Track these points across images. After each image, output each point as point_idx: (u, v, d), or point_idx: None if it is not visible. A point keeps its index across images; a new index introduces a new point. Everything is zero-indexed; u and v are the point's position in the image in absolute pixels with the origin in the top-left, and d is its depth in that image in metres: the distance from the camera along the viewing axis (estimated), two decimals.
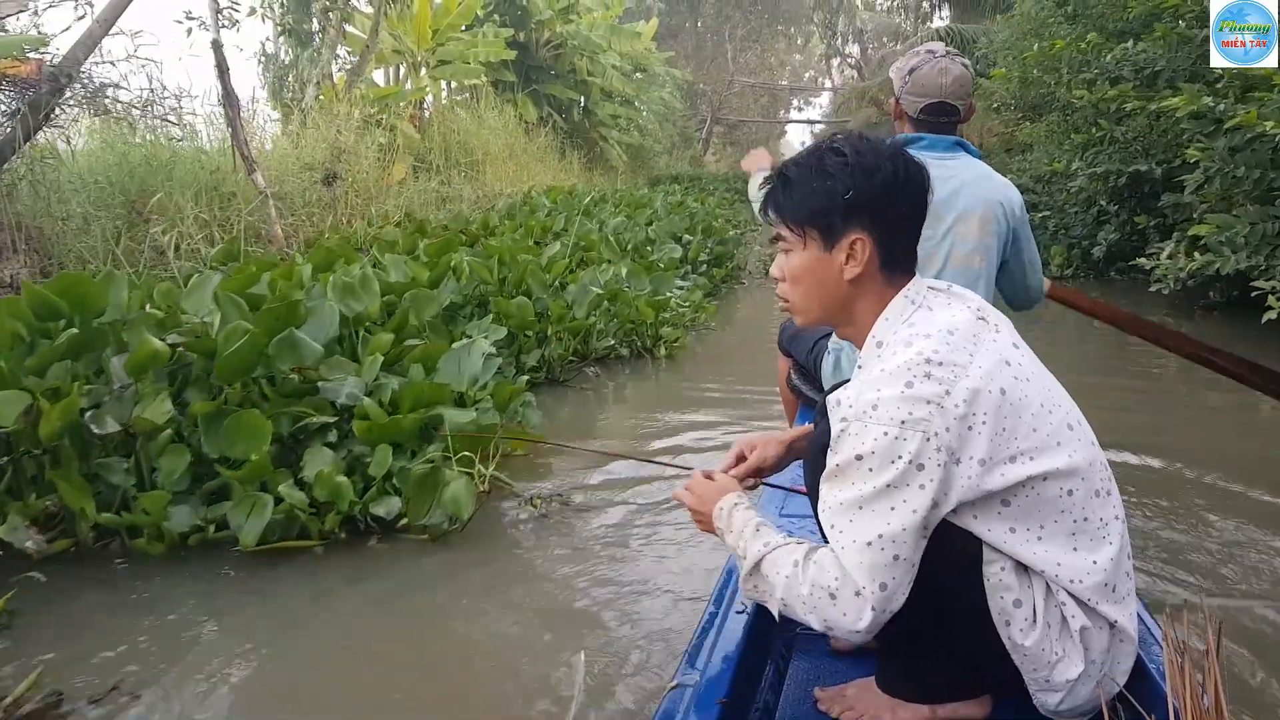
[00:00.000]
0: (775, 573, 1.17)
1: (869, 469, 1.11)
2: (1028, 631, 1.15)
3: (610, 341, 4.74)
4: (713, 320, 6.01)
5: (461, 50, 14.00)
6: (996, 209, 2.07)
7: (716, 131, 37.36)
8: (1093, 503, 1.17)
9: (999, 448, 1.12)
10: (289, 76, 10.60)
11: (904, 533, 1.09)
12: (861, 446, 1.11)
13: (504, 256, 4.67)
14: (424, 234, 6.66)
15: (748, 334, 6.10)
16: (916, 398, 1.09)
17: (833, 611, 1.11)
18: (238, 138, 6.73)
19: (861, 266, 1.21)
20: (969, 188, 2.06)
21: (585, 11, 19.20)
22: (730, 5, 34.17)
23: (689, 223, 8.07)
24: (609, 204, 9.44)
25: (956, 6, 19.76)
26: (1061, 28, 8.70)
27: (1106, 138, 7.35)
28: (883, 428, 1.10)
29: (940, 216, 2.04)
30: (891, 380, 1.12)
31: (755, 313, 6.99)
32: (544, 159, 16.88)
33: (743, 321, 6.63)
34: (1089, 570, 1.15)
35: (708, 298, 6.81)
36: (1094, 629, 1.16)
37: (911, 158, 1.22)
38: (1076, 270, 7.72)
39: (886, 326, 1.22)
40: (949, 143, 2.10)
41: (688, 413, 3.94)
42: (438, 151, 13.27)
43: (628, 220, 7.91)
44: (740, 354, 5.38)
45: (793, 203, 1.24)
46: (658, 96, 23.39)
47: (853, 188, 1.18)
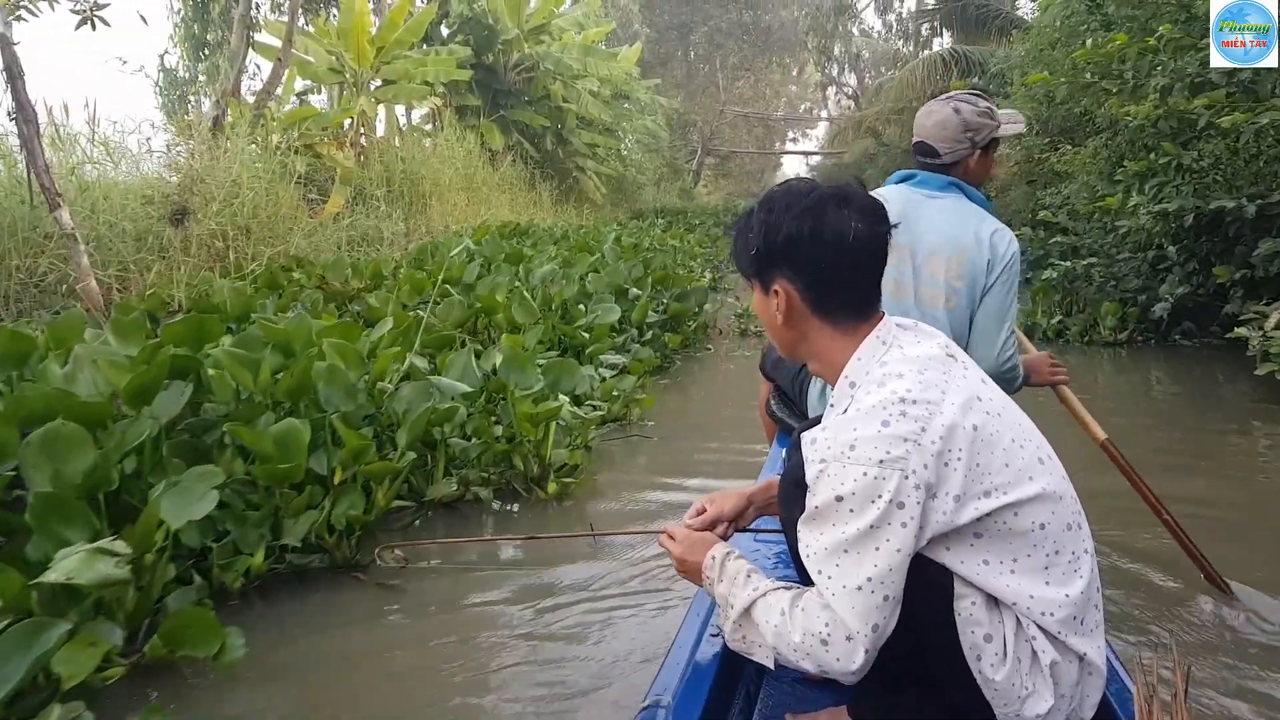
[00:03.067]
0: (765, 620, 1.20)
1: (849, 510, 1.12)
2: (998, 666, 1.15)
3: (466, 476, 3.04)
4: (651, 414, 4.30)
5: (408, 69, 12.44)
6: (971, 255, 2.00)
7: (708, 163, 36.09)
8: (1064, 536, 1.18)
9: (973, 483, 1.13)
10: (190, 93, 8.96)
11: (890, 572, 1.11)
12: (841, 487, 1.12)
13: (292, 342, 2.96)
14: (275, 287, 4.98)
15: (706, 431, 4.06)
16: (894, 436, 1.11)
17: (826, 656, 1.13)
18: (35, 163, 5.08)
19: (785, 312, 1.27)
20: (941, 227, 2.02)
21: (560, 32, 17.76)
22: (721, 33, 33.06)
23: (642, 270, 6.40)
24: (551, 245, 7.79)
25: (961, 30, 18.31)
26: (1096, 36, 7.13)
27: (1173, 165, 5.71)
28: (861, 468, 1.11)
29: (912, 251, 2.02)
30: (867, 419, 1.13)
31: (721, 397, 4.97)
32: (509, 191, 15.32)
33: (699, 413, 4.53)
34: (1060, 603, 1.15)
35: (654, 375, 5.12)
36: (1064, 663, 1.16)
37: (834, 213, 1.23)
38: (1133, 334, 6.05)
39: (859, 366, 1.24)
40: (943, 182, 2.08)
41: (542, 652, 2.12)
42: (378, 182, 11.70)
43: (563, 269, 6.25)
44: (685, 470, 3.45)
45: (735, 253, 1.34)
46: (642, 125, 21.88)
47: (758, 245, 1.27)
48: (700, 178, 34.69)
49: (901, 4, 27.36)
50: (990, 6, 17.68)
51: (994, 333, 2.02)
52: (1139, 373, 5.66)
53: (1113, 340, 6.01)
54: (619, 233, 10.08)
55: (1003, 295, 2.03)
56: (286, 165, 8.63)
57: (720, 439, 3.89)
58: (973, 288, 2.01)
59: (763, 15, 33.38)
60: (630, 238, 8.97)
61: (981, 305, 2.02)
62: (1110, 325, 6.05)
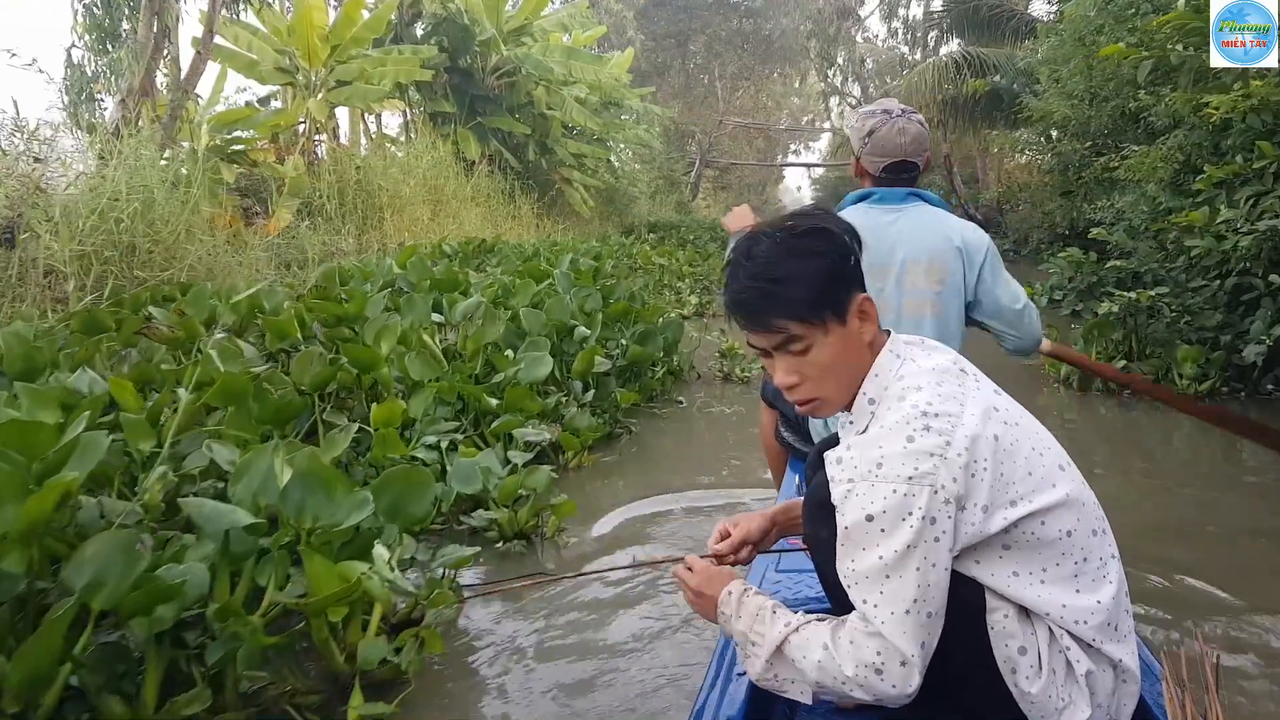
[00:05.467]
0: (802, 657, 1.15)
1: (881, 529, 1.09)
2: (1033, 679, 1.13)
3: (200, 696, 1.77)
4: (576, 520, 2.98)
5: (364, 69, 11.23)
6: (947, 256, 2.06)
7: (707, 175, 34.90)
8: (1090, 542, 1.18)
9: (999, 492, 1.13)
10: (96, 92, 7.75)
11: (932, 588, 1.09)
12: (871, 506, 1.10)
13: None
14: (97, 329, 3.76)
15: (654, 543, 2.82)
16: (920, 451, 1.10)
17: (882, 685, 1.09)
18: None
19: (875, 321, 1.23)
20: (913, 237, 2.06)
21: (544, 34, 16.57)
22: (721, 42, 31.96)
23: (599, 301, 5.12)
24: (501, 270, 6.53)
25: (972, 33, 17.12)
26: (1147, 19, 5.89)
27: (1271, 170, 4.44)
28: (890, 485, 1.09)
29: (887, 268, 2.06)
30: (892, 437, 1.12)
31: (689, 471, 3.59)
32: (485, 204, 14.09)
33: (648, 517, 3.08)
34: (1093, 610, 1.15)
35: (600, 448, 3.84)
36: (1098, 672, 1.15)
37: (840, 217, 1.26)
38: (1217, 385, 4.75)
39: (877, 383, 1.21)
40: (901, 194, 2.12)
41: None
42: (330, 194, 10.48)
43: (497, 301, 4.98)
44: (602, 653, 2.14)
45: (796, 298, 1.18)
46: (635, 135, 20.65)
47: (842, 253, 1.20)
48: (699, 190, 33.46)
49: (907, 9, 26.20)
50: (1004, 7, 16.47)
51: (1018, 319, 2.16)
52: (1226, 434, 4.40)
53: (1193, 393, 4.72)
54: (591, 250, 8.82)
55: (1003, 283, 2.14)
56: (200, 175, 7.39)
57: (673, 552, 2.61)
58: (956, 288, 2.08)
59: (763, 24, 32.34)
60: (589, 260, 7.67)
61: (987, 301, 2.13)
62: (1191, 374, 4.75)
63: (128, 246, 6.26)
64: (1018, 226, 16.34)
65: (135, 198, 6.15)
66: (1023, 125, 9.55)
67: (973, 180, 20.21)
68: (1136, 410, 4.78)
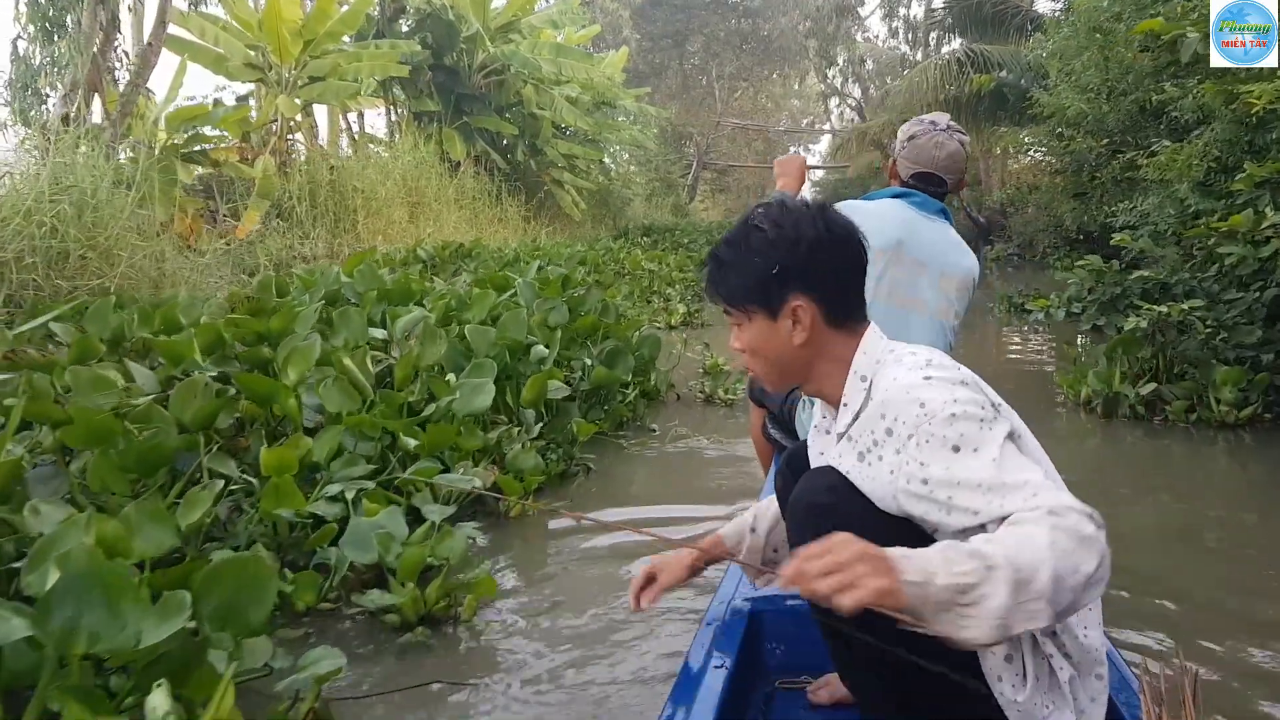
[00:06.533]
0: (1030, 560, 0.91)
1: (964, 431, 1.06)
2: (1020, 687, 1.12)
3: None
4: (496, 607, 2.39)
5: (338, 65, 10.69)
6: (969, 278, 2.15)
7: (705, 177, 34.40)
8: None
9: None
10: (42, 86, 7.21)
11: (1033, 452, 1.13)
12: (954, 413, 1.07)
13: None
14: None
15: (591, 650, 2.07)
16: (948, 380, 1.11)
17: (1095, 535, 0.95)
18: None
19: (808, 330, 1.23)
20: (951, 252, 2.14)
21: (532, 31, 16.04)
22: (719, 42, 31.47)
23: (565, 315, 4.57)
24: (472, 277, 5.98)
25: (975, 30, 16.59)
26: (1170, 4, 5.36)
27: None
28: (946, 392, 1.09)
29: (925, 267, 2.09)
30: (910, 379, 1.13)
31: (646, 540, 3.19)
32: (469, 206, 13.56)
33: (595, 590, 2.41)
34: None
35: (549, 492, 3.29)
36: (1079, 680, 1.15)
37: (835, 214, 1.26)
38: (1259, 411, 4.20)
39: (867, 360, 1.23)
40: (937, 207, 2.17)
41: None
42: (300, 195, 9.95)
43: (450, 316, 4.43)
44: None
45: (729, 285, 1.26)
46: (630, 136, 20.11)
47: (779, 261, 1.21)
48: (696, 193, 32.94)
49: (907, 8, 25.67)
50: (1008, 3, 15.95)
51: None
52: (1268, 465, 3.87)
53: (1233, 422, 4.17)
54: (575, 255, 8.28)
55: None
56: (141, 174, 6.85)
57: (617, 672, 2.04)
58: (965, 305, 2.18)
59: (761, 24, 31.84)
60: (561, 267, 7.12)
61: None
62: (1229, 399, 4.20)
63: (58, 253, 5.74)
64: (1023, 230, 15.80)
65: (65, 199, 5.62)
66: (1031, 122, 9.00)
67: (975, 182, 19.68)
68: (1169, 438, 4.23)
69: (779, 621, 1.65)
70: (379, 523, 2.32)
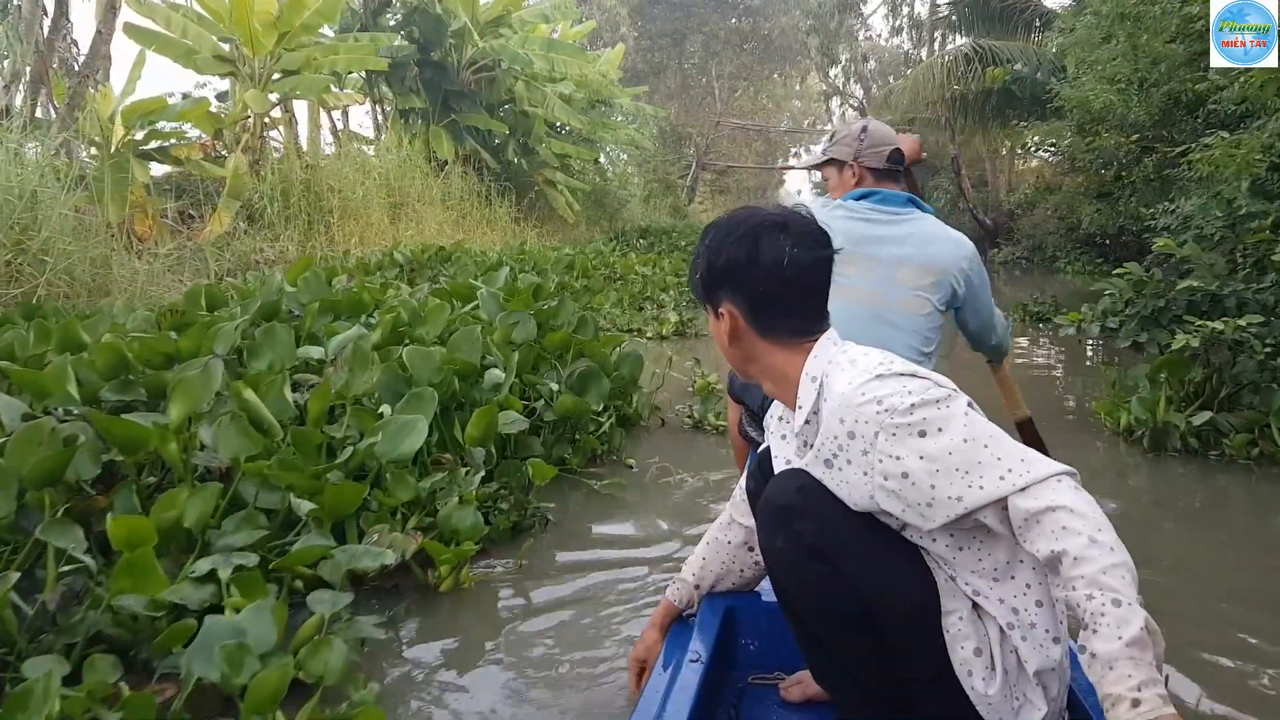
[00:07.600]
0: (1118, 573, 0.99)
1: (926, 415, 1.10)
2: (989, 680, 1.14)
3: None
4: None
5: (312, 58, 10.12)
6: (944, 260, 2.12)
7: (705, 178, 33.77)
8: None
9: None
10: None
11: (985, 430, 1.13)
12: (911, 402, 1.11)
13: None
14: None
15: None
16: (898, 374, 1.16)
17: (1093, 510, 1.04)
18: None
19: (731, 333, 1.30)
20: (914, 241, 2.12)
21: (524, 26, 15.47)
22: (718, 40, 30.90)
23: (533, 331, 4.00)
24: (426, 283, 5.41)
25: (982, 27, 16.02)
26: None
27: None
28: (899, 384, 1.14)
29: (883, 262, 2.10)
30: (861, 378, 1.16)
31: (608, 637, 2.13)
32: (456, 206, 12.99)
33: None
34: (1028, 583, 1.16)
35: (478, 561, 2.70)
36: (1047, 671, 1.15)
37: (770, 239, 1.26)
38: None
39: (818, 363, 1.25)
40: (902, 199, 2.18)
41: None
42: (272, 196, 9.41)
43: (399, 331, 3.86)
44: None
45: (691, 279, 1.37)
46: (626, 135, 19.52)
47: (701, 270, 1.32)
48: (696, 194, 32.32)
49: (911, 6, 25.06)
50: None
51: (996, 321, 2.35)
52: None
53: None
54: (563, 260, 7.72)
55: (987, 291, 2.27)
56: (73, 170, 6.28)
57: None
58: (949, 293, 2.14)
59: (762, 22, 31.28)
60: (524, 275, 6.53)
61: (975, 305, 2.24)
62: None
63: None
64: (1031, 233, 15.20)
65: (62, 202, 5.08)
66: (1049, 118, 8.42)
67: (981, 184, 19.11)
68: (1225, 477, 3.66)
69: (753, 617, 1.68)
70: (239, 624, 1.75)
